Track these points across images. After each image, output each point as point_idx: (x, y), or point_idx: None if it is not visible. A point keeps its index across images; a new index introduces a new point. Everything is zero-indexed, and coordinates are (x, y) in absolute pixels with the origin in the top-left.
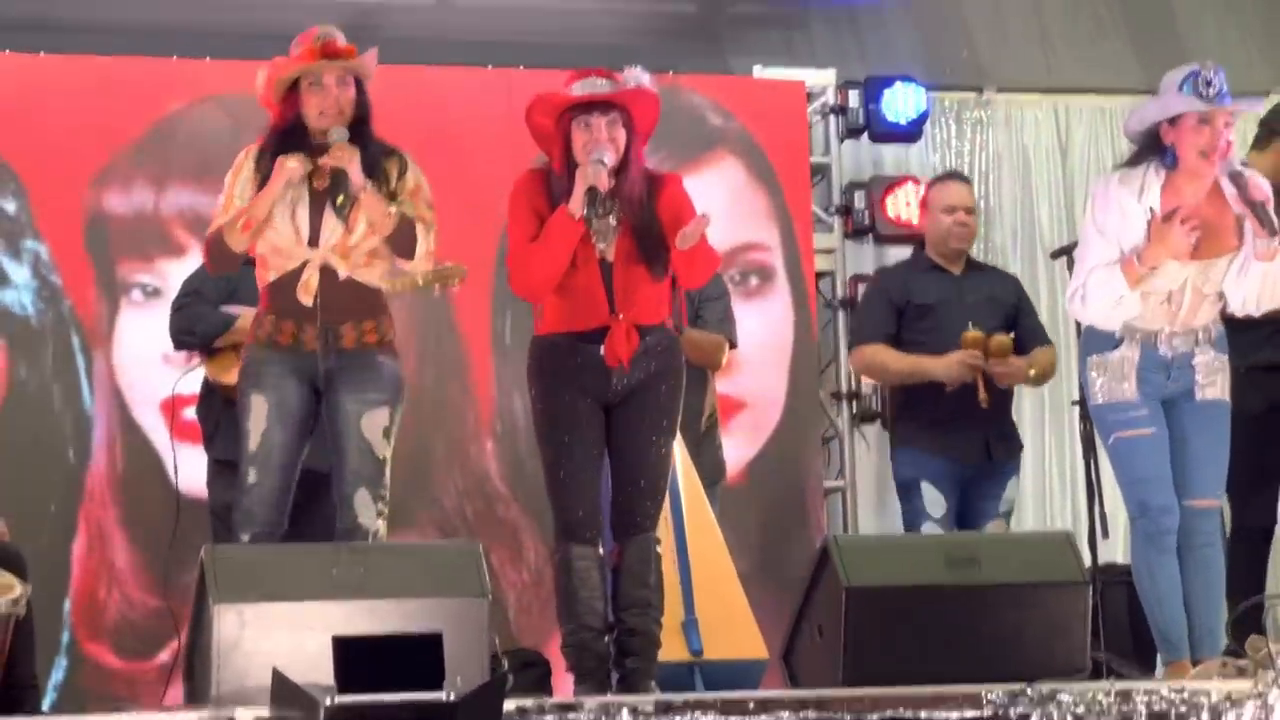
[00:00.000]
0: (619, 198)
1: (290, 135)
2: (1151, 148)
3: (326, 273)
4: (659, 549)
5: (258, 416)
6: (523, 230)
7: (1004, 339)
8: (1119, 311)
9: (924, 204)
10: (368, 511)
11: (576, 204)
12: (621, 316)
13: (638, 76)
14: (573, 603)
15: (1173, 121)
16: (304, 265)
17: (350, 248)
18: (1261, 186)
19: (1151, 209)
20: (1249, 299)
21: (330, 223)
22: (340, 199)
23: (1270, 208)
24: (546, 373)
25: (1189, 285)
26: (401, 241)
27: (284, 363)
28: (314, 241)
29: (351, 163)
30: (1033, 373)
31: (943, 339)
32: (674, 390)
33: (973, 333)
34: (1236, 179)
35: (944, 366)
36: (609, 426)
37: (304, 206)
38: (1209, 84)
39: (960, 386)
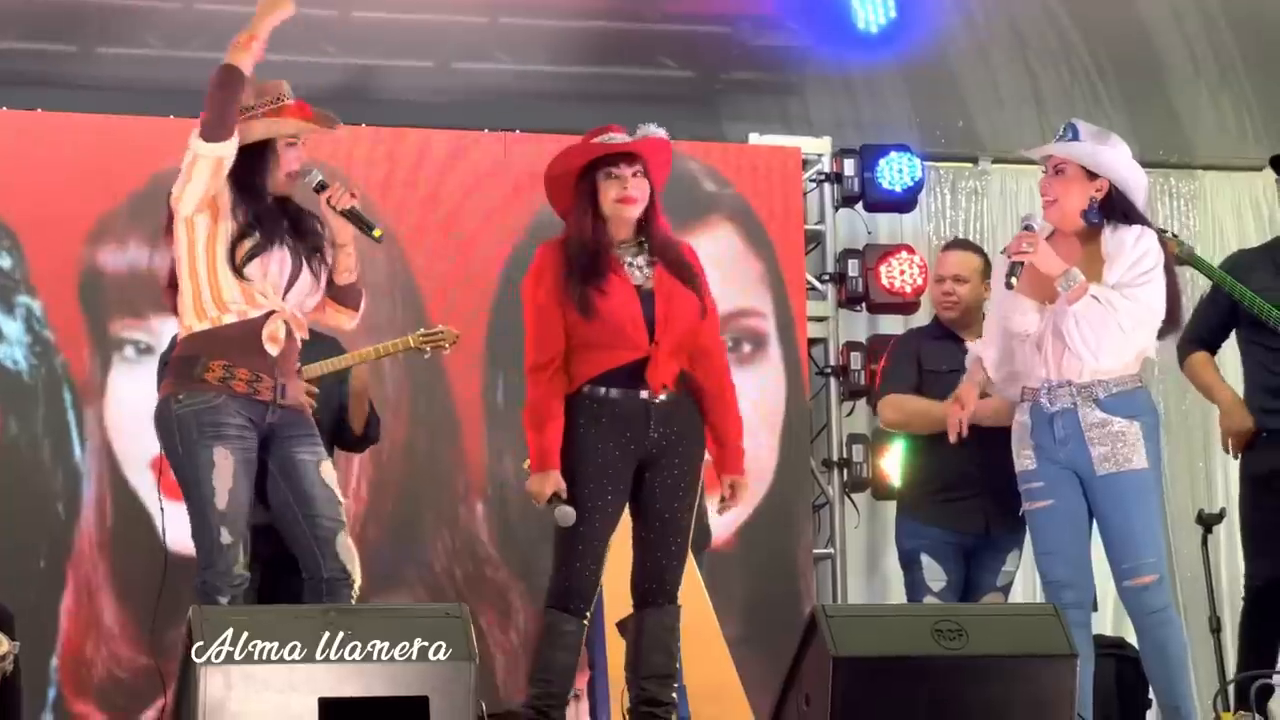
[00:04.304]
0: (651, 241)
1: (258, 195)
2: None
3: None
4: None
5: (223, 473)
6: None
7: None
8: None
9: None
10: (352, 558)
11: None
12: (661, 345)
13: (653, 130)
14: (549, 668)
15: None
16: (269, 315)
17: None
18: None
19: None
20: (1076, 343)
21: (305, 280)
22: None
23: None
24: (587, 425)
25: (1049, 329)
26: (356, 294)
27: (240, 412)
28: (284, 294)
29: (354, 198)
30: None
31: None
32: (701, 453)
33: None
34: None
35: (942, 409)
36: (639, 487)
37: (287, 256)
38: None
39: (961, 458)
